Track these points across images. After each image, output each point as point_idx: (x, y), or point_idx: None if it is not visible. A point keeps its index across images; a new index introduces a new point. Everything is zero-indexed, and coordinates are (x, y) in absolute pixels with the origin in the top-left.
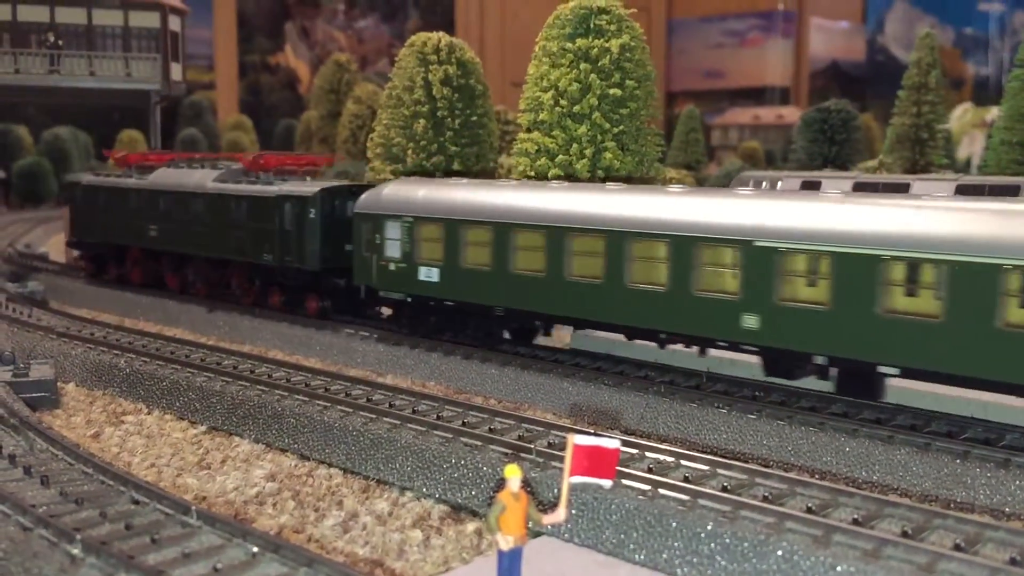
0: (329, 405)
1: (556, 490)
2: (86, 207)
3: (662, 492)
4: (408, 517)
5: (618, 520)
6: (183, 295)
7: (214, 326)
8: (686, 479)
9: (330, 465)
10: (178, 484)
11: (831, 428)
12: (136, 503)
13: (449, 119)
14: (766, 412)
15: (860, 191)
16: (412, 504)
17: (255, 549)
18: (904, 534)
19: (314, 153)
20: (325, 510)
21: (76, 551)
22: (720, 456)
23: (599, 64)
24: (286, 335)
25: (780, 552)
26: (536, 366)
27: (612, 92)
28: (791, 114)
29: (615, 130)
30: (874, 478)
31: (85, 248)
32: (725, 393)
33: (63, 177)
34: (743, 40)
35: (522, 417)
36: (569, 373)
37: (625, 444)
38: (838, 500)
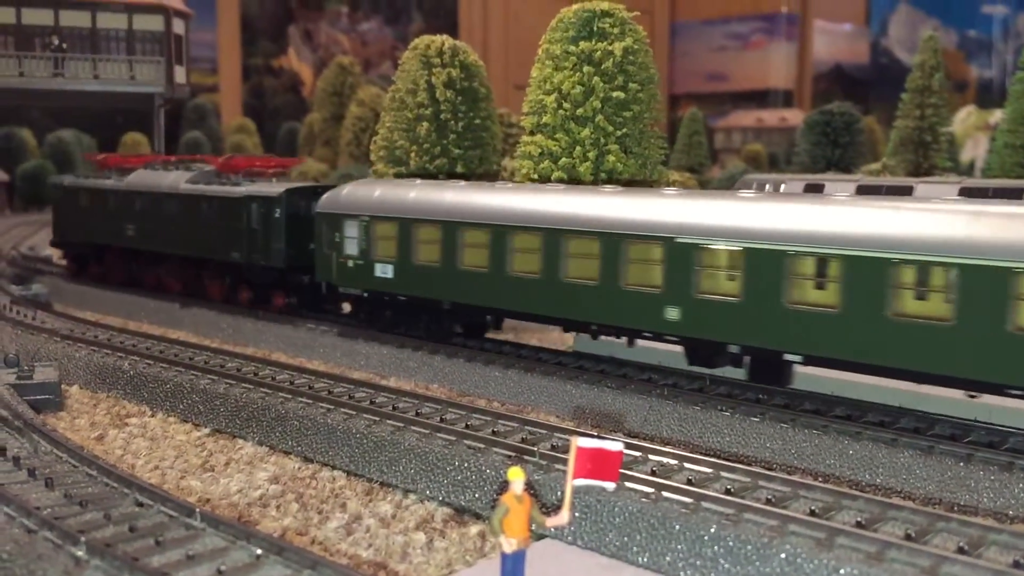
0: (333, 408)
1: (559, 493)
2: (68, 208)
3: (665, 495)
4: (411, 519)
5: (621, 523)
6: (185, 297)
7: (218, 329)
8: (689, 482)
9: (334, 467)
10: (182, 486)
11: (835, 431)
12: (140, 505)
13: (452, 122)
14: (769, 415)
15: (863, 194)
16: (416, 506)
17: (259, 551)
18: (908, 537)
19: (317, 156)
20: (329, 512)
21: (81, 553)
22: (723, 459)
23: (602, 67)
24: (290, 338)
25: (783, 555)
26: (539, 369)
27: (615, 95)
28: (794, 117)
29: (618, 133)
30: (878, 481)
31: (67, 248)
32: (728, 396)
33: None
34: (746, 43)
35: (525, 420)
36: (572, 376)
37: (628, 447)
38: (841, 503)
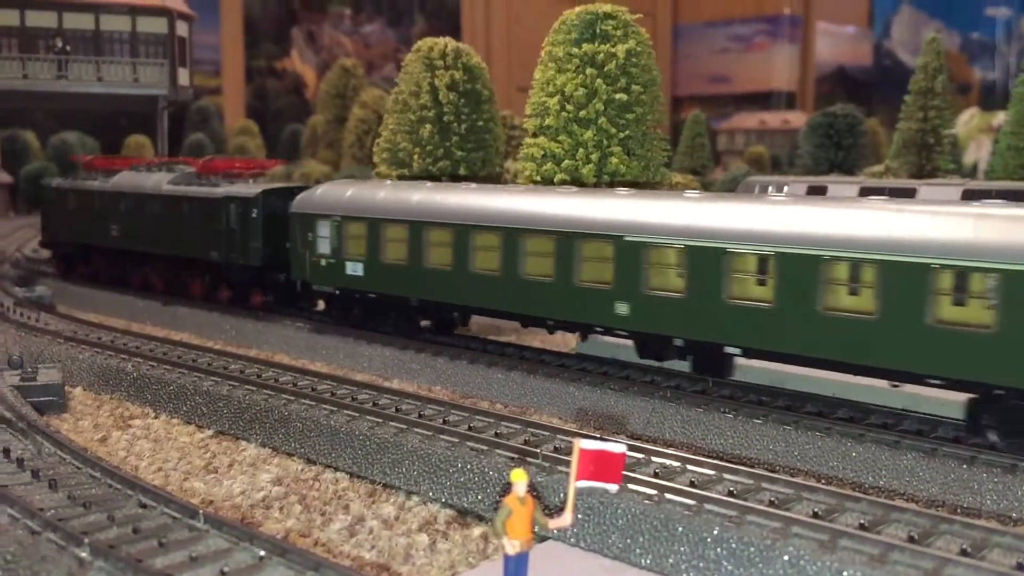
0: (335, 409)
1: (562, 494)
2: (56, 209)
3: (668, 497)
4: (414, 521)
5: (624, 525)
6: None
7: (220, 330)
8: (692, 484)
9: (336, 469)
10: (185, 488)
11: (838, 433)
12: (144, 507)
13: (455, 124)
14: (772, 417)
15: (866, 196)
16: (418, 508)
17: (262, 553)
18: (911, 539)
19: (320, 159)
20: (332, 514)
21: (84, 554)
22: (726, 461)
23: (605, 69)
24: (292, 339)
25: (786, 557)
26: (542, 371)
27: (618, 97)
28: (797, 119)
29: (621, 135)
30: (881, 483)
31: (56, 248)
32: (731, 398)
33: None
34: (749, 45)
35: (528, 421)
36: (575, 378)
37: (631, 449)
38: (844, 505)
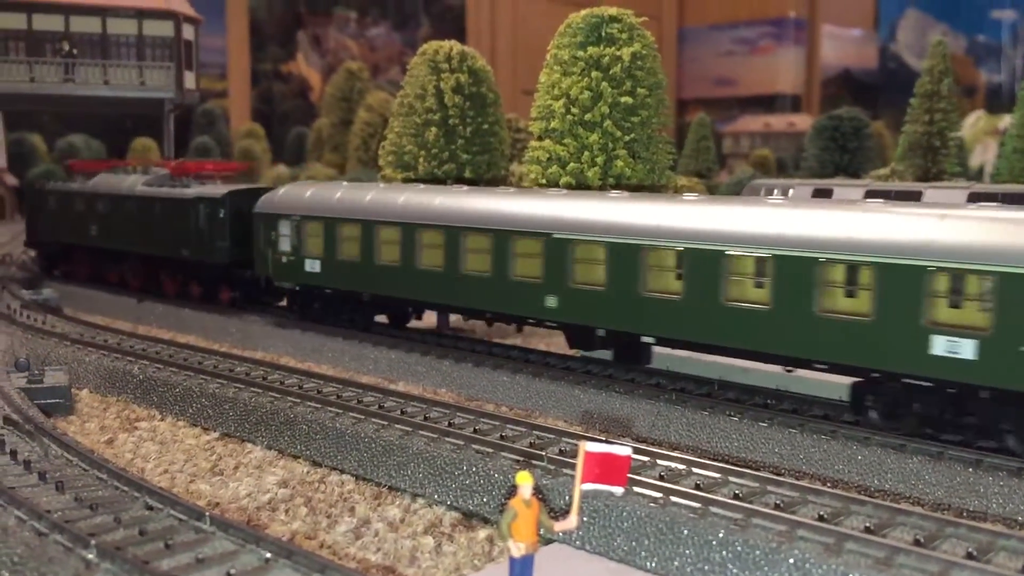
0: (341, 412)
1: (568, 497)
2: (39, 210)
3: (674, 500)
4: (420, 524)
5: (629, 527)
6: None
7: (226, 333)
8: (698, 487)
9: (342, 472)
10: (191, 490)
11: (843, 436)
12: (150, 509)
13: (461, 127)
14: (778, 420)
15: (871, 198)
16: (424, 511)
17: (268, 555)
18: (916, 542)
19: (325, 162)
20: (337, 516)
21: (91, 556)
22: (731, 464)
23: (610, 72)
24: (298, 341)
25: (792, 560)
26: (547, 374)
27: (623, 100)
28: (803, 122)
29: (626, 138)
30: (886, 486)
31: (39, 247)
32: (736, 401)
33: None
34: (754, 48)
35: (533, 424)
36: (580, 381)
37: (636, 451)
38: (850, 508)
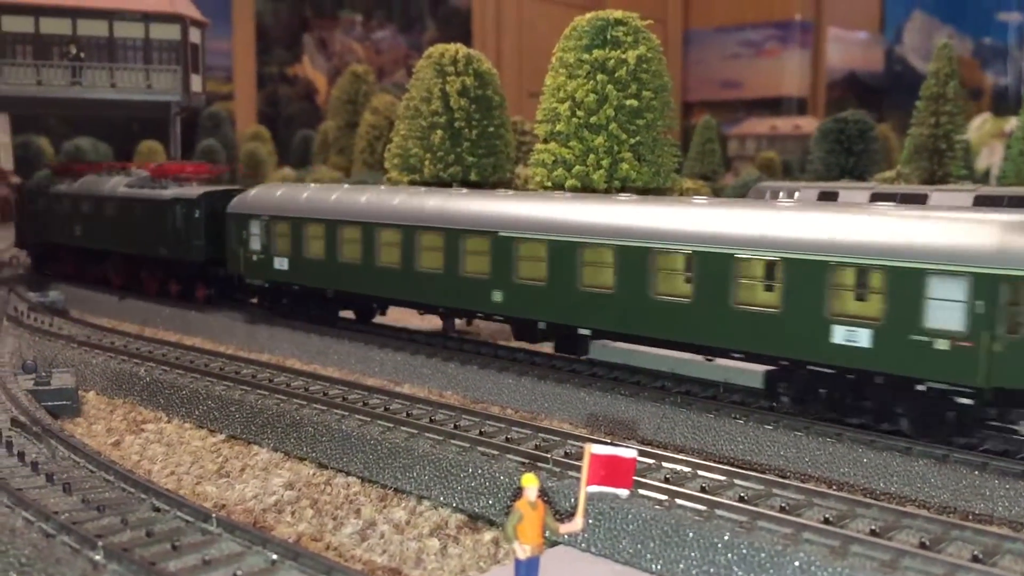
0: (347, 414)
1: (573, 499)
2: (28, 211)
3: (679, 502)
4: (425, 526)
5: (635, 530)
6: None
7: (232, 335)
8: (703, 489)
9: (348, 474)
10: (198, 492)
11: (849, 439)
12: (157, 510)
13: (466, 130)
14: (783, 423)
15: (877, 202)
16: (429, 513)
17: (274, 557)
18: (922, 545)
19: (331, 164)
20: (343, 518)
21: (98, 557)
22: (737, 466)
23: (616, 75)
24: (304, 344)
25: (797, 563)
26: (553, 376)
27: (629, 103)
28: (808, 124)
29: (632, 141)
30: (892, 489)
31: (29, 248)
32: (742, 404)
33: None
34: (760, 50)
35: (539, 427)
36: (586, 383)
37: (642, 454)
38: (856, 511)
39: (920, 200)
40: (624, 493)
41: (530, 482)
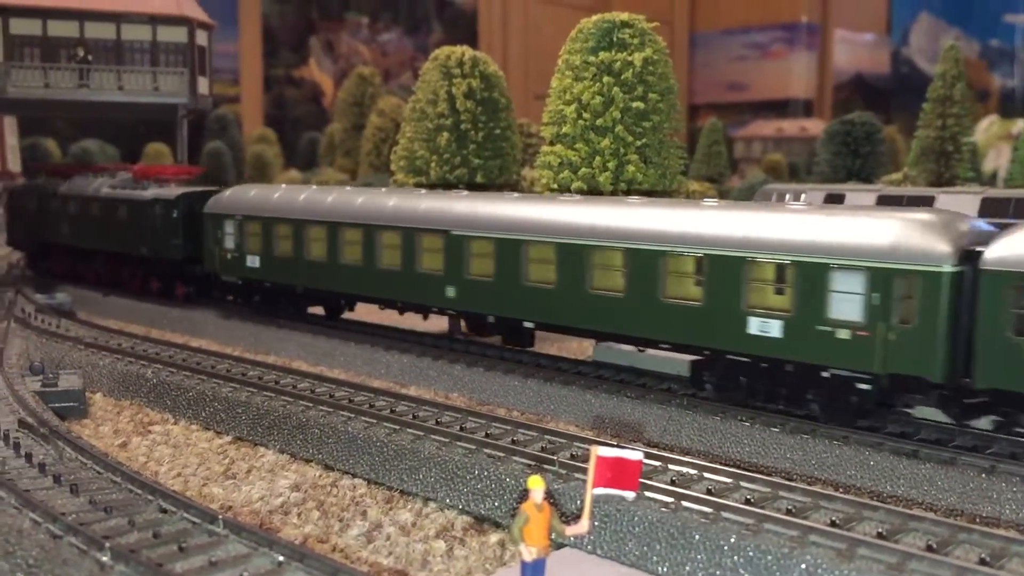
0: (353, 416)
1: (579, 501)
2: (18, 211)
3: (685, 504)
4: (431, 528)
5: (641, 532)
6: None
7: (239, 337)
8: (709, 492)
9: (354, 476)
10: (204, 493)
11: (855, 442)
12: (164, 512)
13: (472, 132)
14: (790, 425)
15: (883, 204)
16: (436, 515)
17: (281, 558)
18: (929, 548)
19: (337, 167)
20: (349, 520)
21: (105, 558)
22: (743, 469)
23: (622, 77)
24: (310, 346)
25: (804, 565)
26: (559, 378)
27: (635, 105)
28: (815, 126)
29: (638, 143)
30: (899, 492)
31: (20, 247)
32: (748, 406)
33: None
34: (766, 52)
35: (545, 429)
36: (592, 385)
37: (648, 456)
38: (862, 514)
39: (927, 202)
40: (630, 495)
41: (536, 484)
